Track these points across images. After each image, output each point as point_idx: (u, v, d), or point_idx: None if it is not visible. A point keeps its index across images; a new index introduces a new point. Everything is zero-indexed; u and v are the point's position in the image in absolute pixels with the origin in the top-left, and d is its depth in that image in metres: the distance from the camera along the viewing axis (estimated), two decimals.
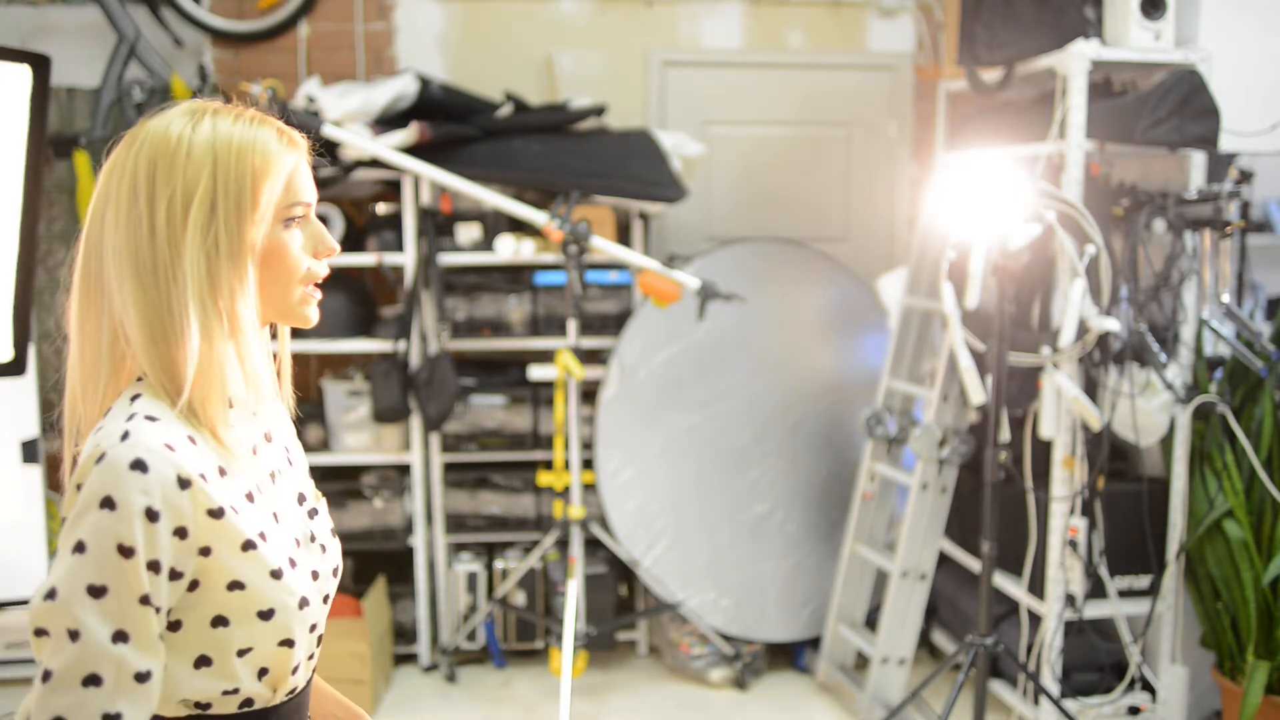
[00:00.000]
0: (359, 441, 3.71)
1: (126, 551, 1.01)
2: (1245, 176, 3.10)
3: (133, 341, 1.09)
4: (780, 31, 4.19)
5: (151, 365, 1.09)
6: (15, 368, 2.42)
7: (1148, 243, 3.01)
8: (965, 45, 3.36)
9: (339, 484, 3.71)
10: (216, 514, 1.07)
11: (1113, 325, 2.86)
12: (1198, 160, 3.08)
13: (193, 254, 1.08)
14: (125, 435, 1.04)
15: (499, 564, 3.77)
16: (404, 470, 3.78)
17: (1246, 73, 3.05)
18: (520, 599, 3.75)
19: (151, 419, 1.07)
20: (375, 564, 3.89)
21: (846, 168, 4.31)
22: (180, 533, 1.05)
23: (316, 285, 1.21)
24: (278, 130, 1.15)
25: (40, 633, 1.02)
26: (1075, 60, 2.95)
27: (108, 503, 1.01)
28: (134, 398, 1.10)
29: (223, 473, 1.10)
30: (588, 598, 3.58)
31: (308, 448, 3.67)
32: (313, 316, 1.20)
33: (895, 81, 4.26)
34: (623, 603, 3.86)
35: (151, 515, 1.02)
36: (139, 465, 1.03)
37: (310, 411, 3.74)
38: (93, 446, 1.05)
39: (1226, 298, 3.00)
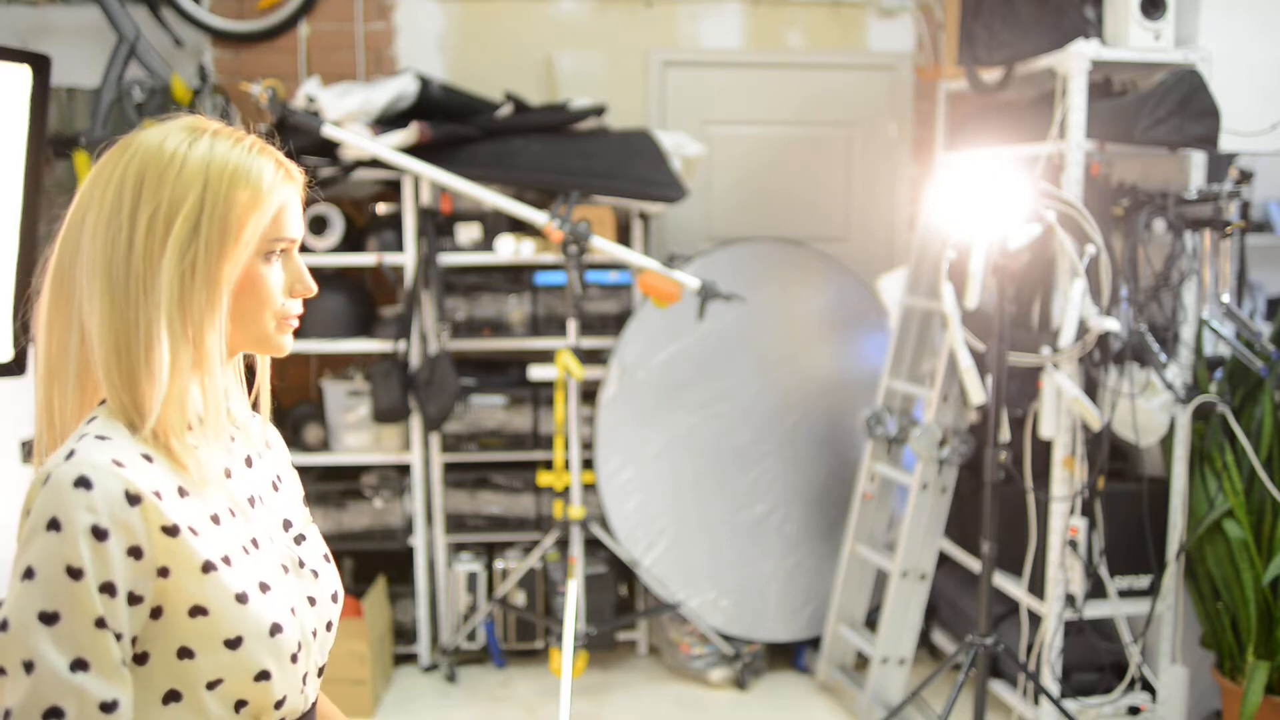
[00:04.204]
0: (359, 441, 3.71)
1: (75, 573, 0.97)
2: (1245, 176, 3.11)
3: (96, 353, 1.06)
4: (780, 31, 4.19)
5: (110, 379, 1.05)
6: (15, 368, 2.42)
7: (1148, 243, 3.01)
8: (965, 45, 3.36)
9: (339, 484, 3.71)
10: (171, 531, 1.02)
11: (1113, 325, 2.86)
12: (1198, 160, 3.08)
13: (168, 273, 1.05)
14: (70, 454, 1.01)
15: (499, 564, 3.77)
16: (404, 470, 3.78)
17: (1246, 73, 3.05)
18: (520, 599, 3.75)
19: (102, 438, 1.03)
20: (375, 564, 3.89)
21: (846, 168, 4.31)
22: (134, 552, 1.00)
23: (299, 311, 1.18)
24: (276, 161, 1.12)
25: None
26: (1075, 60, 2.95)
27: (53, 524, 0.97)
28: (90, 420, 1.07)
29: (183, 493, 1.06)
30: (588, 598, 3.58)
31: (307, 448, 3.68)
32: (287, 345, 1.18)
33: (895, 81, 4.26)
34: (623, 603, 3.86)
35: (99, 534, 0.98)
36: (83, 482, 0.98)
37: (310, 411, 3.74)
38: (41, 470, 1.02)
39: (1226, 298, 2.99)
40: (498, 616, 3.77)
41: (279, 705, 1.11)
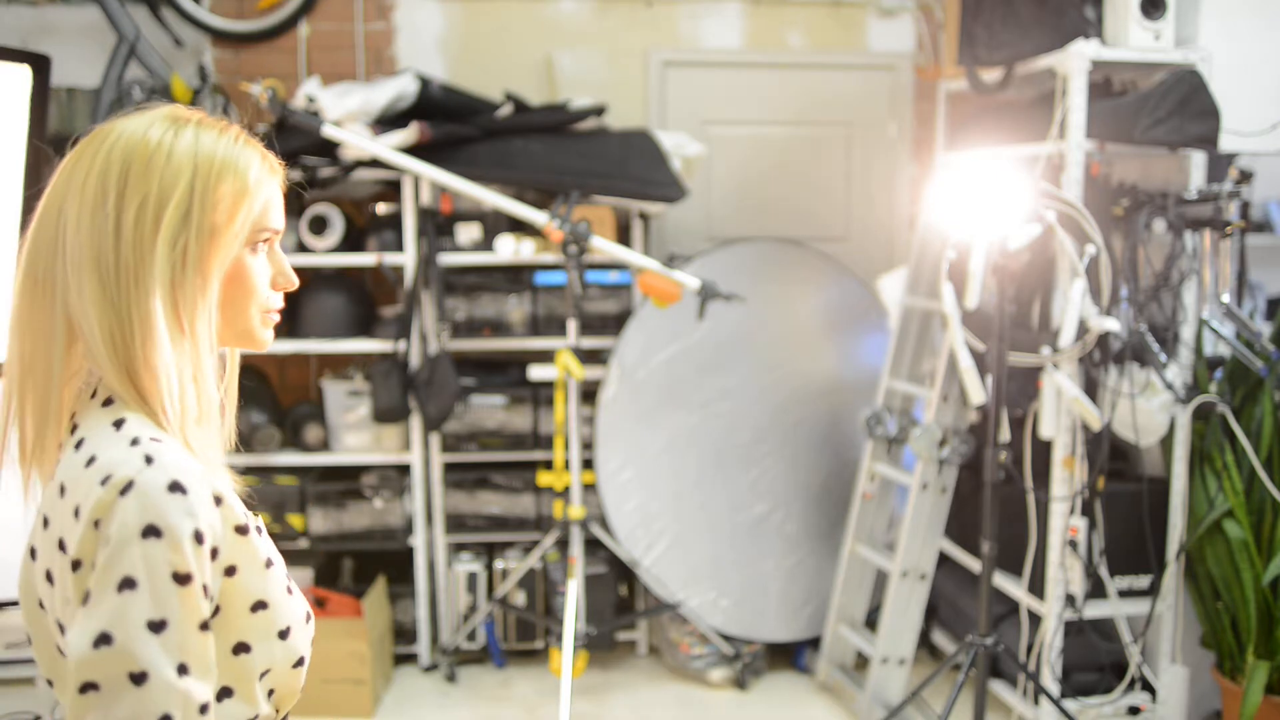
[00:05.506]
0: (359, 441, 3.70)
1: (183, 579, 0.96)
2: (1245, 176, 3.10)
3: (92, 346, 1.04)
4: (780, 31, 4.19)
5: (115, 371, 1.03)
6: None
7: (1148, 243, 3.01)
8: (965, 45, 3.36)
9: (339, 484, 3.71)
10: (243, 530, 1.03)
11: (1113, 325, 2.86)
12: (1198, 160, 3.08)
13: (159, 263, 1.03)
14: (149, 459, 0.98)
15: (499, 564, 3.77)
16: (404, 470, 3.78)
17: (1246, 73, 3.05)
18: (520, 599, 3.75)
19: (157, 440, 1.01)
20: (375, 564, 3.89)
21: (846, 168, 4.31)
22: (214, 553, 1.00)
23: (281, 305, 1.17)
24: (261, 153, 1.12)
25: (88, 687, 0.94)
26: (1075, 60, 2.95)
27: (152, 531, 0.95)
28: (118, 422, 1.03)
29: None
30: (588, 598, 3.58)
31: (307, 448, 3.68)
32: (269, 340, 1.16)
33: (895, 81, 4.26)
34: (623, 603, 3.86)
35: (199, 537, 0.97)
36: (177, 487, 0.97)
37: (310, 411, 3.74)
38: (102, 478, 0.98)
39: (1226, 298, 3.00)
40: (498, 616, 3.77)
41: (298, 692, 1.13)
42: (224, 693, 1.04)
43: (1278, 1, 3.09)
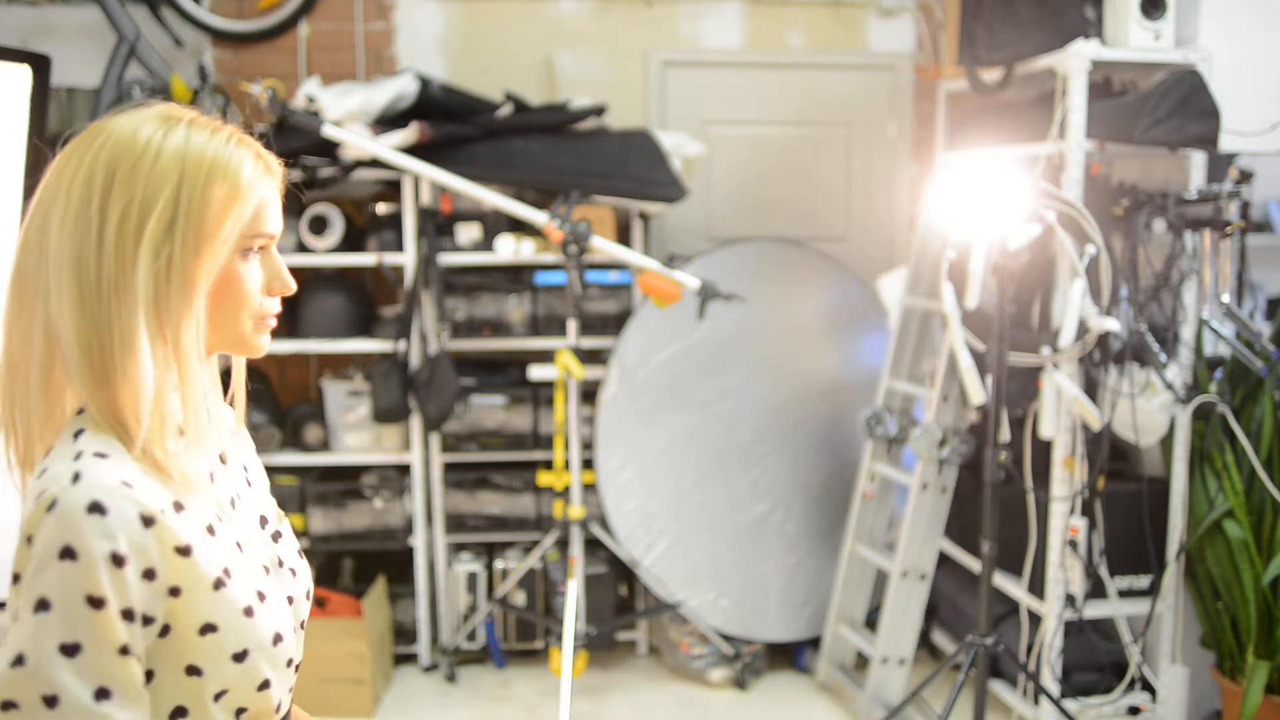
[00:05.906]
0: (359, 441, 3.70)
1: (97, 602, 0.93)
2: (1245, 176, 3.10)
3: (67, 355, 1.00)
4: (780, 31, 4.19)
5: (85, 385, 1.00)
6: None
7: (1148, 243, 3.01)
8: (965, 45, 3.36)
9: (339, 484, 3.71)
10: (184, 551, 0.99)
11: (1113, 325, 2.86)
12: (1198, 160, 3.08)
13: (142, 273, 0.99)
14: (76, 477, 0.95)
15: (499, 564, 3.77)
16: (404, 470, 3.78)
17: (1246, 73, 3.05)
18: (520, 599, 3.75)
19: (101, 455, 0.98)
20: (375, 564, 3.89)
21: (846, 168, 4.31)
22: (149, 574, 0.97)
23: (277, 310, 1.13)
24: (255, 154, 1.06)
25: (8, 706, 0.93)
26: (1075, 60, 2.95)
27: (68, 553, 0.93)
28: (77, 434, 1.01)
29: (179, 508, 1.01)
30: (588, 598, 3.58)
31: (307, 448, 3.68)
32: (264, 346, 1.12)
33: (895, 81, 4.26)
34: (623, 603, 3.86)
35: (118, 560, 0.94)
36: (97, 508, 0.94)
37: (310, 411, 3.74)
38: (38, 492, 0.96)
39: (1226, 298, 2.99)
40: (498, 616, 3.77)
41: (277, 710, 1.10)
42: (179, 712, 1.02)
43: (1278, 1, 3.09)
